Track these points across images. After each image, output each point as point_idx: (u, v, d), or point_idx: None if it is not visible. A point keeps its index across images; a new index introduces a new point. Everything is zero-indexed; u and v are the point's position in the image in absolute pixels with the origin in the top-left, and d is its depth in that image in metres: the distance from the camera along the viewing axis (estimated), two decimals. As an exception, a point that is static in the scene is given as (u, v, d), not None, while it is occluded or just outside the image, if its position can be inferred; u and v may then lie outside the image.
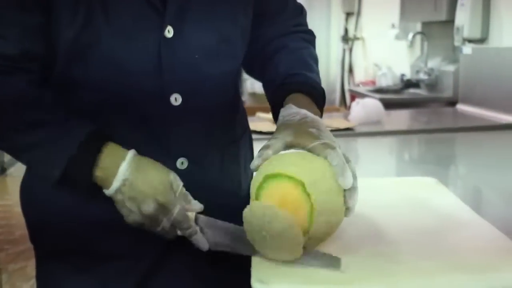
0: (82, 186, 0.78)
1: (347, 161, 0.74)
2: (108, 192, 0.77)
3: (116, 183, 0.76)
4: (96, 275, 0.87)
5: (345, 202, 0.73)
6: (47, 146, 0.78)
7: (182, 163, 0.85)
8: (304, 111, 0.80)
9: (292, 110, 0.81)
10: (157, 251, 0.86)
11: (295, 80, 0.88)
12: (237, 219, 0.77)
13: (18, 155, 0.82)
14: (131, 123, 0.83)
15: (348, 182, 0.72)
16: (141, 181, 0.76)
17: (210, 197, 0.82)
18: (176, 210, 0.76)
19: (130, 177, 0.76)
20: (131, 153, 0.78)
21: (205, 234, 0.79)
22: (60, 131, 0.78)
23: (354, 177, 0.74)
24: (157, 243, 0.83)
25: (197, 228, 0.77)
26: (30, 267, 2.90)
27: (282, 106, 0.85)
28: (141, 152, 0.81)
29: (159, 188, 0.76)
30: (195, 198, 0.81)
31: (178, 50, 0.80)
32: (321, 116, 0.86)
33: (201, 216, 0.79)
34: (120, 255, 0.85)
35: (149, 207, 0.75)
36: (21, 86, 0.78)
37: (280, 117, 0.82)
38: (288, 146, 0.77)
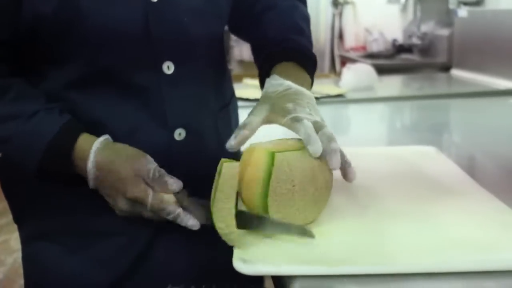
0: (64, 178, 0.77)
1: (322, 126, 0.72)
2: (90, 187, 0.76)
3: (91, 182, 0.75)
4: (89, 255, 0.83)
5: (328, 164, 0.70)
6: (17, 141, 0.75)
7: (179, 134, 0.82)
8: (287, 83, 0.78)
9: (275, 82, 0.79)
10: (153, 227, 0.82)
11: (284, 47, 0.85)
12: None
13: None
14: (126, 97, 0.78)
15: (316, 149, 0.69)
16: (108, 178, 0.73)
17: (209, 167, 0.79)
18: (149, 200, 0.72)
19: (99, 174, 0.74)
20: (94, 146, 0.74)
21: (193, 211, 0.73)
22: (30, 125, 0.74)
23: (331, 139, 0.70)
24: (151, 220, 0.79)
25: (179, 211, 0.72)
26: (14, 240, 2.86)
27: (269, 75, 0.82)
28: (138, 126, 0.79)
29: (126, 183, 0.72)
30: (193, 169, 0.79)
31: (166, 14, 0.76)
32: (311, 83, 0.85)
33: (181, 196, 0.74)
34: (114, 232, 0.82)
35: (123, 205, 0.74)
36: None
37: (264, 89, 0.80)
38: (265, 122, 0.76)
